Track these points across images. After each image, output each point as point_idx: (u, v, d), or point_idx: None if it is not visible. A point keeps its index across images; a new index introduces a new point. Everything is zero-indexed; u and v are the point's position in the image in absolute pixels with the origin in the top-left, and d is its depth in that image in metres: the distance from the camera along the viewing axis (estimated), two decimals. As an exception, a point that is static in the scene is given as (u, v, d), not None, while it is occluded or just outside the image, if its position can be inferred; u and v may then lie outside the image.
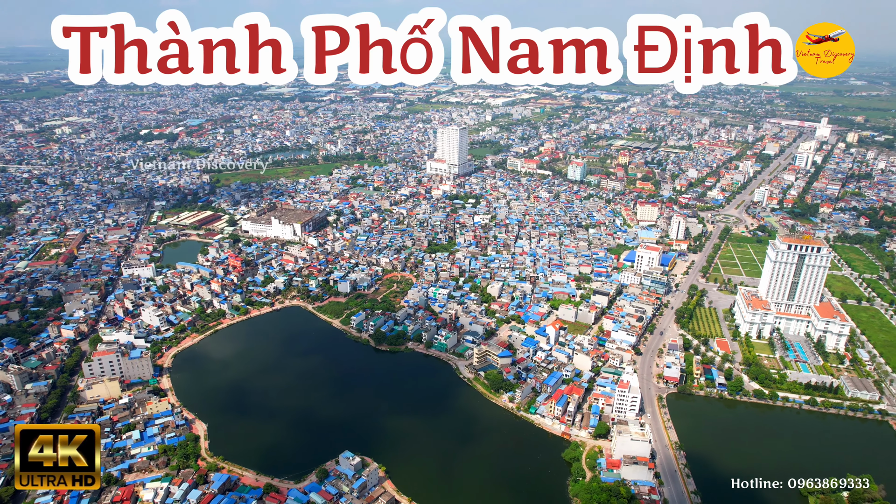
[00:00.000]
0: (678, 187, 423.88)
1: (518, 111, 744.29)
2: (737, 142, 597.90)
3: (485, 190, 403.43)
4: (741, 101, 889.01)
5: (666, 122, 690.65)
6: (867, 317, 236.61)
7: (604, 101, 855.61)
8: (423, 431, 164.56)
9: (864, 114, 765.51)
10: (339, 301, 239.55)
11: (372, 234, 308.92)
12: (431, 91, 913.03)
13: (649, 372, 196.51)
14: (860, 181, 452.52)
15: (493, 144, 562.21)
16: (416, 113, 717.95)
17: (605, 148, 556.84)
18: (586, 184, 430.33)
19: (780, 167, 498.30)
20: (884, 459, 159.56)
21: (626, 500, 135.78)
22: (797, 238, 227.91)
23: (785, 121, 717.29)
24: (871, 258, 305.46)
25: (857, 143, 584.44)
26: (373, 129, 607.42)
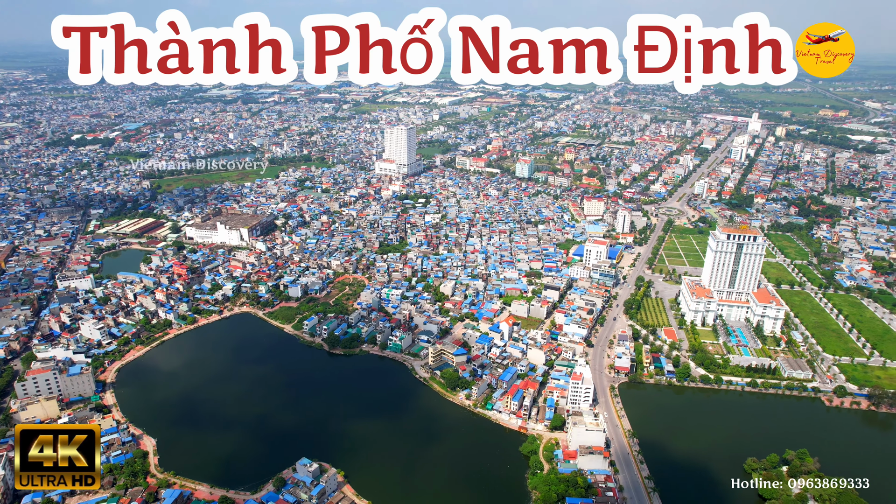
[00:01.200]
0: (622, 182, 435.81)
1: (465, 110, 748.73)
2: (676, 137, 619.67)
3: (434, 189, 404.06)
4: (679, 98, 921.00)
5: (609, 118, 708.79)
6: (799, 300, 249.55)
7: (549, 98, 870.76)
8: (382, 434, 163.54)
9: (790, 109, 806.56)
10: (291, 306, 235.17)
11: (322, 237, 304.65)
12: (378, 91, 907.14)
13: (601, 363, 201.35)
14: (789, 172, 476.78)
15: (441, 143, 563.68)
16: (362, 113, 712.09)
17: (551, 145, 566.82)
18: (534, 181, 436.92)
19: (718, 160, 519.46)
20: (817, 433, 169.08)
21: (583, 489, 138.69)
22: (735, 228, 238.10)
23: (720, 116, 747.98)
24: (801, 245, 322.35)
25: (785, 137, 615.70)
26: (319, 131, 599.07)
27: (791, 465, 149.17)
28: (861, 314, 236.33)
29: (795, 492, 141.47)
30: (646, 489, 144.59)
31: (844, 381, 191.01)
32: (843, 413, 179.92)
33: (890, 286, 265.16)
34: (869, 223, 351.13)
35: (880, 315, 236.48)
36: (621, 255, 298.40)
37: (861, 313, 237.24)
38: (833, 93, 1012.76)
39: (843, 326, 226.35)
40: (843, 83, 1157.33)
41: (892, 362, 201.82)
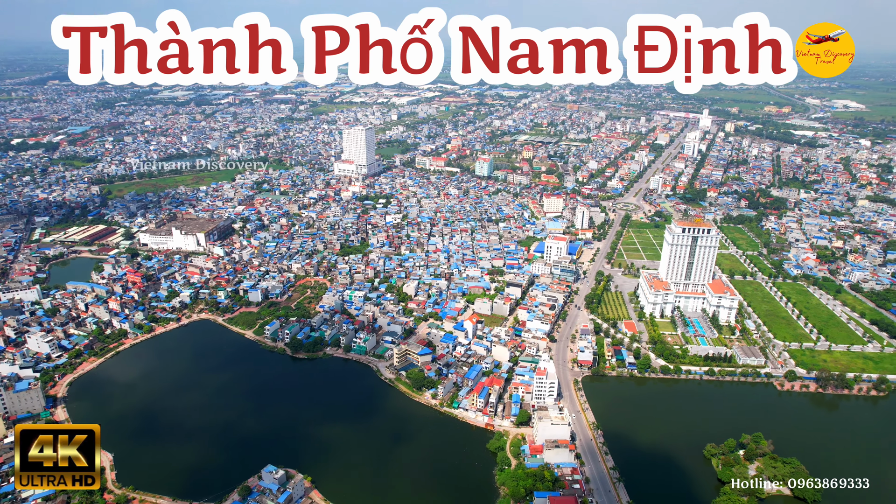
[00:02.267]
0: (580, 178, 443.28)
1: (423, 109, 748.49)
2: (631, 133, 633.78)
3: (395, 189, 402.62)
4: (633, 95, 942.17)
5: (566, 116, 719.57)
6: (752, 290, 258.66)
7: (506, 97, 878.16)
8: (348, 437, 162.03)
9: (737, 105, 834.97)
10: (251, 311, 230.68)
11: (281, 240, 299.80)
12: (335, 91, 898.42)
13: (564, 357, 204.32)
14: (739, 166, 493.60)
15: (400, 143, 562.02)
16: (320, 114, 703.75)
17: (509, 143, 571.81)
18: (494, 179, 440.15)
19: (671, 156, 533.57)
20: (771, 417, 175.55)
21: (550, 483, 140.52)
22: (690, 222, 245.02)
23: (672, 112, 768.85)
24: (752, 236, 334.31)
25: (734, 132, 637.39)
26: (276, 132, 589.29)
27: (747, 449, 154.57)
28: (808, 301, 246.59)
29: (752, 474, 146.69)
30: (611, 480, 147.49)
31: (794, 365, 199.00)
32: (794, 396, 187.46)
33: (833, 273, 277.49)
34: (812, 214, 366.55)
35: (825, 301, 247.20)
36: (581, 250, 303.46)
37: (808, 300, 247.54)
38: (777, 90, 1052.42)
39: (791, 314, 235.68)
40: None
41: (836, 346, 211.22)
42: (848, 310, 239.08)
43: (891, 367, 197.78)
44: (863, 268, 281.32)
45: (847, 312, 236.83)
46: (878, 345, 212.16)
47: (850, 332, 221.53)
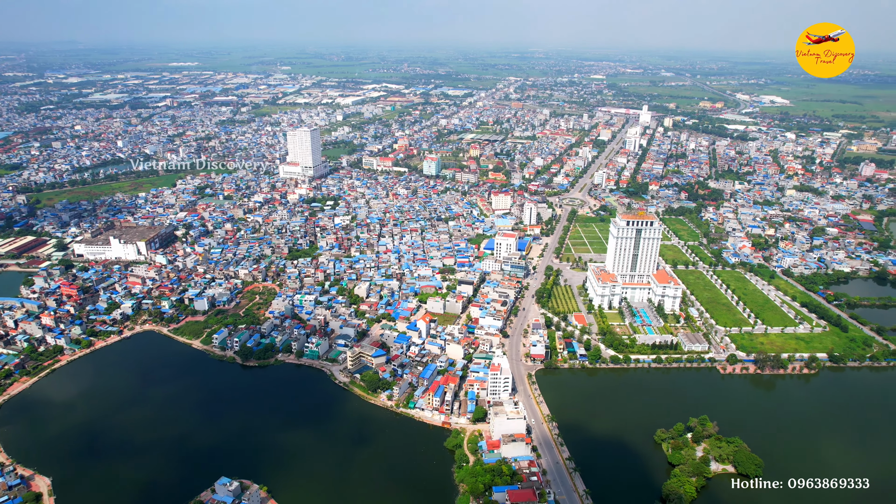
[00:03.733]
0: (527, 175, 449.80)
1: (369, 109, 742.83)
2: (575, 130, 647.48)
3: (343, 191, 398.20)
4: (575, 93, 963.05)
5: (510, 114, 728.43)
6: (694, 279, 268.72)
7: (451, 96, 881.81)
8: (305, 444, 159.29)
9: (675, 101, 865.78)
10: (198, 320, 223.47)
11: (227, 246, 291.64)
12: (277, 92, 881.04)
13: (517, 352, 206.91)
14: (678, 160, 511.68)
15: (346, 144, 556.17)
16: (262, 116, 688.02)
17: (456, 142, 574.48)
18: (442, 178, 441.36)
19: (614, 151, 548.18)
20: (715, 399, 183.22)
21: (508, 477, 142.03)
22: (634, 215, 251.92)
23: (613, 109, 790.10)
24: (692, 227, 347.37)
25: (672, 127, 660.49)
26: (217, 135, 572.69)
27: (694, 432, 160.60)
28: (745, 287, 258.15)
29: (699, 455, 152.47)
30: (567, 470, 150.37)
31: (735, 349, 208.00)
32: (736, 378, 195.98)
33: (767, 260, 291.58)
34: (746, 204, 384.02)
35: (760, 287, 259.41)
36: (530, 246, 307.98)
37: (745, 287, 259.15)
38: (710, 86, 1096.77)
39: (731, 300, 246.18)
40: (717, 78, 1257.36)
41: (772, 329, 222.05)
42: (781, 294, 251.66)
43: (820, 347, 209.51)
44: (793, 254, 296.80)
45: (780, 296, 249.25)
46: (808, 326, 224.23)
47: (783, 315, 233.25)
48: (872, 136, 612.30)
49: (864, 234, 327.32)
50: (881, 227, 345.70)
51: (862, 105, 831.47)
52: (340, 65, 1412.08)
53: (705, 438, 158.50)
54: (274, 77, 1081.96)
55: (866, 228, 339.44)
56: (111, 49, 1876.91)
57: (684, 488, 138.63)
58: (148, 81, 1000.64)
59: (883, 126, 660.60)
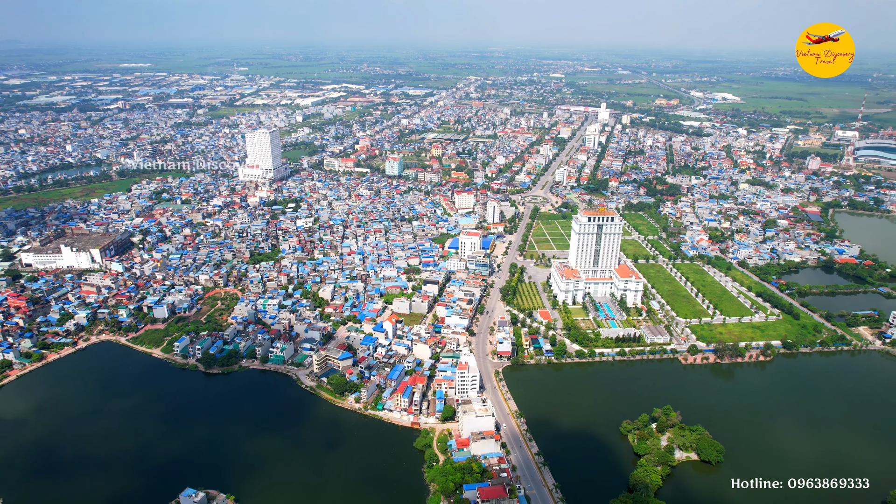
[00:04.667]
0: (489, 174, 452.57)
1: (329, 110, 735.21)
2: (535, 128, 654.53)
3: (304, 193, 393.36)
4: (535, 91, 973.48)
5: (472, 113, 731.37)
6: (654, 272, 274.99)
7: (412, 96, 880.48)
8: (272, 450, 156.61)
9: (632, 98, 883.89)
10: (158, 328, 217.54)
11: (186, 252, 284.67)
12: (235, 94, 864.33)
13: (484, 350, 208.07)
14: (636, 156, 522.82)
15: (307, 145, 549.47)
16: (220, 118, 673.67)
17: (418, 142, 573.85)
18: (405, 178, 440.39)
19: (574, 148, 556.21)
20: (677, 389, 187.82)
21: (478, 474, 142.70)
22: (595, 211, 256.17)
23: (573, 107, 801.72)
24: (652, 222, 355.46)
25: (630, 124, 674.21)
26: (173, 138, 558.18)
27: (659, 422, 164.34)
28: (703, 279, 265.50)
29: (664, 444, 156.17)
30: (536, 465, 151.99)
31: (695, 340, 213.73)
32: (697, 368, 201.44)
33: (723, 252, 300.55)
34: (703, 198, 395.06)
35: (718, 279, 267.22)
36: (494, 244, 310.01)
37: (703, 279, 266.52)
38: (665, 84, 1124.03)
39: (690, 292, 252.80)
40: (671, 75, 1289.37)
41: (730, 319, 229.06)
42: (737, 285, 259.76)
43: (774, 334, 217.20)
44: (747, 246, 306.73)
45: (737, 287, 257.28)
46: (763, 314, 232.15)
47: (740, 305, 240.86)
48: (817, 131, 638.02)
49: (812, 226, 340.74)
50: (827, 219, 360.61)
51: (806, 101, 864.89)
52: (299, 65, 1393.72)
53: (669, 428, 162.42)
54: (231, 78, 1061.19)
55: (814, 220, 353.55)
56: (56, 49, 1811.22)
57: (650, 477, 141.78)
58: (97, 83, 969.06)
59: (826, 122, 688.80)
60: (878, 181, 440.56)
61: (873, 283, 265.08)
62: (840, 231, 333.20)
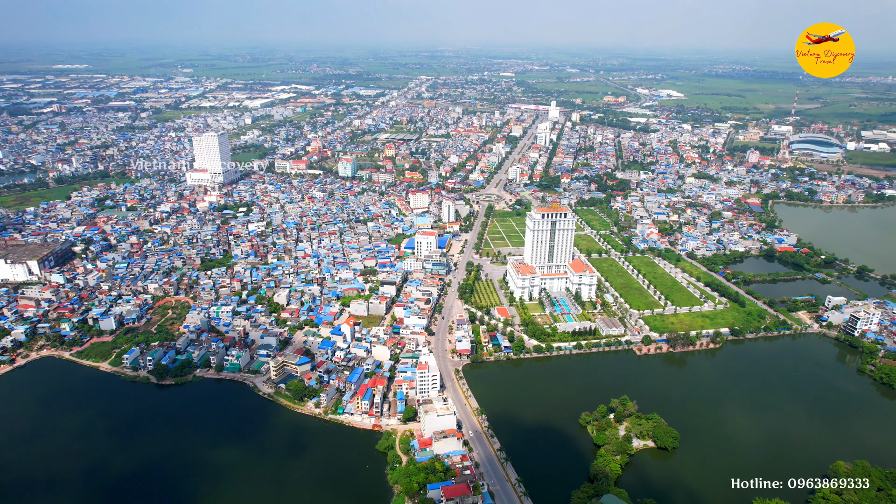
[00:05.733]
0: (443, 173, 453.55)
1: (279, 112, 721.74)
2: (487, 127, 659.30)
3: (255, 196, 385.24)
4: (486, 90, 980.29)
5: (424, 113, 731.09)
6: (607, 266, 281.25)
7: (363, 96, 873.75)
8: (231, 461, 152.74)
9: (580, 96, 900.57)
10: (105, 341, 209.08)
11: (133, 260, 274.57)
12: (180, 96, 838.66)
13: (444, 349, 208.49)
14: (586, 153, 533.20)
15: (257, 148, 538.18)
16: (165, 121, 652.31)
17: (371, 142, 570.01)
18: (358, 179, 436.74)
19: (526, 146, 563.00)
20: (633, 379, 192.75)
21: (442, 473, 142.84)
22: (548, 207, 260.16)
23: (524, 105, 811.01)
24: (603, 216, 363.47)
25: (580, 122, 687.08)
26: (116, 143, 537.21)
27: (616, 412, 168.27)
28: (654, 271, 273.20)
29: (622, 434, 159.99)
30: (499, 460, 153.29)
31: (649, 330, 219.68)
32: (651, 358, 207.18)
33: (672, 245, 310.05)
34: (651, 192, 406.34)
35: (668, 270, 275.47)
36: (450, 243, 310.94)
37: (654, 271, 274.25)
38: (612, 81, 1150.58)
39: (642, 284, 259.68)
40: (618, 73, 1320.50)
41: (680, 309, 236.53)
42: (686, 275, 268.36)
43: (723, 322, 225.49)
44: (695, 237, 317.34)
45: (686, 278, 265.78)
46: (711, 303, 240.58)
47: (689, 295, 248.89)
48: (755, 126, 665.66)
49: (753, 217, 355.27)
50: (767, 210, 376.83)
51: (745, 98, 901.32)
52: (247, 66, 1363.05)
53: (626, 417, 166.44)
54: (175, 80, 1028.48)
55: (755, 211, 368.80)
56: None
57: (610, 467, 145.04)
58: (28, 85, 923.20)
59: (763, 117, 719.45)
60: (812, 173, 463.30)
61: (810, 269, 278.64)
62: (779, 221, 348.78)
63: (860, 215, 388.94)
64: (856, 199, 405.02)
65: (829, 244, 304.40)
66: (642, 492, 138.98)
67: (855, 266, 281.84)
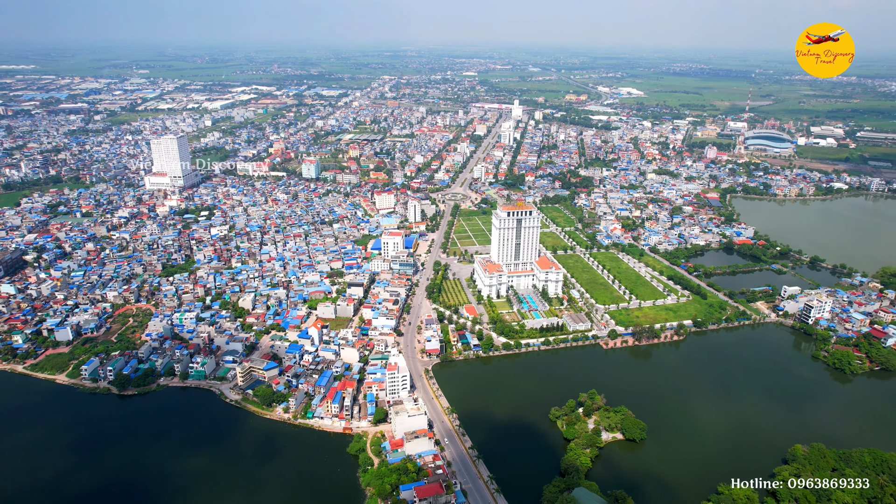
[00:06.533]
0: (408, 173, 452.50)
1: (240, 113, 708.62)
2: (452, 126, 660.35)
3: (217, 200, 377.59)
4: (450, 90, 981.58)
5: (387, 113, 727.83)
6: (573, 262, 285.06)
7: (326, 97, 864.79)
8: (200, 470, 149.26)
9: (543, 95, 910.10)
10: (61, 352, 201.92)
11: (90, 268, 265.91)
12: (136, 98, 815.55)
13: (413, 349, 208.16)
14: (550, 151, 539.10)
15: (218, 150, 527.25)
16: (121, 124, 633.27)
17: (334, 143, 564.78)
18: (322, 180, 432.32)
19: (490, 145, 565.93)
20: (601, 373, 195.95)
21: (414, 474, 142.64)
22: (513, 206, 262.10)
23: (487, 104, 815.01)
24: (568, 213, 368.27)
25: (543, 120, 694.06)
26: (68, 147, 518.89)
27: (585, 406, 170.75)
28: (619, 266, 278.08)
29: (591, 427, 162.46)
30: (471, 458, 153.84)
31: (614, 325, 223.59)
32: (617, 352, 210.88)
33: (635, 240, 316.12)
34: (614, 189, 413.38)
35: (632, 265, 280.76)
36: (417, 243, 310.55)
37: (618, 266, 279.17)
38: (574, 80, 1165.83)
39: (607, 279, 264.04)
40: (580, 72, 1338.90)
41: (645, 302, 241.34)
42: (650, 270, 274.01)
43: (685, 314, 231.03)
44: (657, 232, 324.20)
45: (650, 272, 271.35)
46: (674, 297, 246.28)
47: (653, 288, 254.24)
48: (712, 122, 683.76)
49: (713, 211, 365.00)
50: (726, 203, 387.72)
51: (701, 95, 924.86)
52: (205, 67, 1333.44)
53: (595, 411, 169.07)
54: (130, 81, 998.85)
55: (714, 205, 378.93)
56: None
57: (580, 460, 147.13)
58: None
59: (719, 114, 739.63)
60: (766, 168, 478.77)
61: (767, 261, 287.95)
62: (737, 215, 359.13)
63: (811, 208, 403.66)
64: (807, 193, 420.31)
65: (784, 236, 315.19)
66: (613, 483, 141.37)
67: (808, 257, 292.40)
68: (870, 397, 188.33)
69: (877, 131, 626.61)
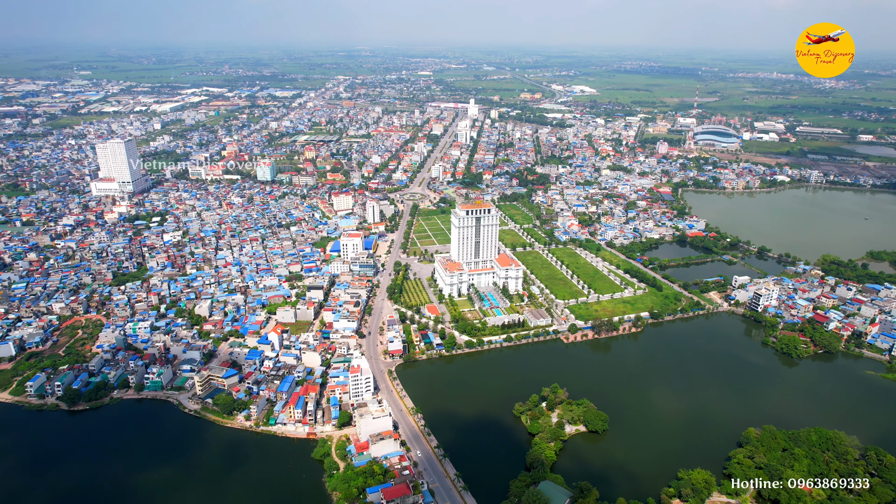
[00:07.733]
0: (366, 174, 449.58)
1: (190, 115, 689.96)
2: (408, 126, 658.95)
3: (169, 205, 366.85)
4: (405, 89, 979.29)
5: (343, 113, 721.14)
6: (532, 259, 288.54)
7: (279, 98, 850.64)
8: (160, 483, 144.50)
9: (498, 94, 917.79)
10: (3, 369, 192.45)
11: (33, 279, 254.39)
12: (78, 101, 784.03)
13: (375, 351, 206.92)
14: (506, 149, 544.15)
15: (168, 154, 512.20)
16: (62, 128, 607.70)
17: (290, 145, 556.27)
18: (278, 183, 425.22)
19: (448, 144, 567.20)
20: (562, 368, 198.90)
21: (380, 475, 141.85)
22: (472, 204, 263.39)
23: (443, 104, 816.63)
24: (526, 211, 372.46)
25: (499, 119, 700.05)
26: (4, 152, 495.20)
27: (548, 400, 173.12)
28: (577, 262, 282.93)
29: (555, 421, 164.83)
30: (437, 458, 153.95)
31: (574, 319, 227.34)
32: (578, 346, 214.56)
33: (592, 235, 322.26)
34: (570, 186, 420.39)
35: (590, 260, 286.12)
36: (376, 244, 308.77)
37: (576, 261, 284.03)
38: (528, 79, 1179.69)
39: (566, 274, 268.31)
40: (533, 70, 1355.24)
41: (603, 296, 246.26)
42: (607, 264, 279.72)
43: (643, 306, 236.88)
44: (613, 227, 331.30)
45: (607, 266, 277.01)
46: (631, 289, 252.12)
47: (611, 282, 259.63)
48: (663, 118, 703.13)
49: (665, 205, 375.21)
50: (678, 197, 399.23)
51: (652, 92, 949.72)
52: (152, 68, 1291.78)
53: (558, 405, 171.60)
54: (72, 83, 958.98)
55: (667, 199, 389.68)
56: None
57: (545, 454, 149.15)
58: None
59: (669, 110, 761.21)
60: (714, 162, 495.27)
61: (718, 252, 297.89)
62: (689, 208, 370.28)
63: (758, 200, 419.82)
64: (753, 185, 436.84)
65: (734, 228, 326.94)
66: (577, 475, 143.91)
67: (756, 247, 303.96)
68: (815, 379, 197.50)
69: (814, 126, 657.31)
